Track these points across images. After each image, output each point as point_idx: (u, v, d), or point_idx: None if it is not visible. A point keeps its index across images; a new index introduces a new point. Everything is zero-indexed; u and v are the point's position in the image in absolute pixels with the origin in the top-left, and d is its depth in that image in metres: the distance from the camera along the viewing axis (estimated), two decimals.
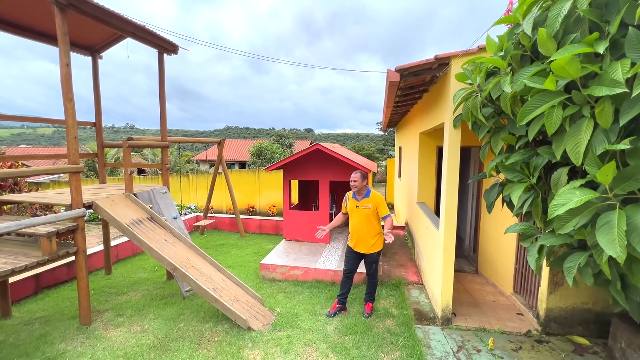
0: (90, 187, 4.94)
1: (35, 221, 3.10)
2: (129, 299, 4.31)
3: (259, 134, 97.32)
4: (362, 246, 3.68)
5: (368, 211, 3.60)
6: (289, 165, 5.97)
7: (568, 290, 3.14)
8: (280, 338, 3.31)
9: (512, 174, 2.46)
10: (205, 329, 3.51)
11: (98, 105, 5.10)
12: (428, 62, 3.13)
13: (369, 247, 3.66)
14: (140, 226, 3.94)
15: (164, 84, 4.88)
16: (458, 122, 3.10)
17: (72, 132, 3.46)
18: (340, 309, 3.85)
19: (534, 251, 2.30)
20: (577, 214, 1.84)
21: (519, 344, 3.07)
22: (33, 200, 4.09)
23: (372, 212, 3.60)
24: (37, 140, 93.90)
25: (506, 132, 2.59)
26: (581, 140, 1.79)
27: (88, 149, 14.84)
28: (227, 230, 8.37)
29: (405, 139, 7.77)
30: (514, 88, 2.15)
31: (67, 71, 3.33)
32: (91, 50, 4.99)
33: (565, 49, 1.75)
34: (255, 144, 21.32)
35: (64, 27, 3.26)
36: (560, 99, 1.85)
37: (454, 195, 3.31)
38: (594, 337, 3.13)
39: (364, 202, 3.64)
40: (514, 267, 3.94)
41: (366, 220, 3.61)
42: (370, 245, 3.65)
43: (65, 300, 4.30)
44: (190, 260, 3.95)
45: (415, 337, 3.19)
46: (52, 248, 3.32)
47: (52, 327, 3.59)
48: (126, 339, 3.36)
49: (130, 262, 5.91)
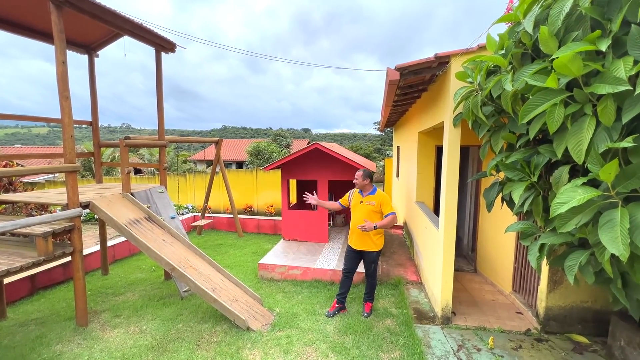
0: (86, 187, 4.89)
1: (31, 221, 3.06)
2: (126, 300, 4.27)
3: (256, 133, 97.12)
4: (361, 243, 3.65)
5: (371, 207, 3.59)
6: (288, 165, 5.95)
7: (567, 288, 3.14)
8: (280, 338, 3.29)
9: (512, 172, 2.46)
10: (203, 329, 3.48)
11: (94, 104, 5.05)
12: (428, 61, 3.12)
13: (368, 245, 3.63)
14: (137, 226, 3.90)
15: (161, 82, 4.83)
16: (458, 120, 3.09)
17: (68, 131, 3.41)
18: (339, 308, 3.84)
19: (535, 250, 2.30)
20: (579, 212, 1.84)
21: (518, 343, 3.08)
22: (28, 200, 4.03)
23: (375, 209, 3.58)
24: (32, 140, 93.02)
25: (506, 131, 2.59)
26: (583, 138, 1.78)
27: (84, 149, 14.70)
28: (225, 230, 8.33)
29: (404, 139, 7.78)
30: (515, 86, 2.14)
31: (63, 69, 3.28)
32: (87, 49, 4.94)
33: (568, 47, 1.75)
34: (252, 144, 21.26)
35: (60, 24, 3.22)
36: (562, 97, 1.84)
37: (453, 195, 3.30)
38: (593, 336, 3.14)
39: (369, 198, 3.64)
40: (513, 266, 3.94)
41: (367, 216, 3.58)
42: (369, 244, 3.63)
43: (62, 301, 4.25)
44: (189, 260, 3.91)
45: (416, 336, 3.18)
46: (48, 248, 3.28)
47: (48, 329, 3.54)
48: (124, 340, 3.32)
49: (128, 263, 5.86)
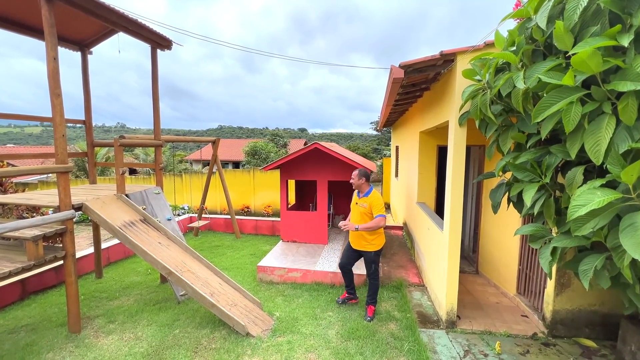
0: (79, 188, 4.75)
1: (20, 224, 2.93)
2: (121, 304, 4.14)
3: (253, 133, 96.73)
4: (357, 243, 3.73)
5: (363, 210, 3.62)
6: (287, 165, 5.84)
7: (575, 291, 3.08)
8: (281, 344, 3.19)
9: (522, 173, 2.39)
10: (201, 335, 3.36)
11: (88, 102, 4.90)
12: (433, 58, 3.04)
13: (363, 245, 3.68)
14: (132, 229, 3.78)
15: (157, 80, 4.70)
16: (464, 119, 3.01)
17: (60, 130, 3.28)
18: (348, 298, 4.00)
19: (547, 253, 2.22)
20: (596, 215, 1.76)
21: (526, 348, 3.01)
22: (19, 202, 3.89)
23: (366, 211, 3.60)
24: (25, 140, 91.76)
25: (515, 130, 2.51)
26: (601, 138, 1.71)
27: (78, 148, 14.46)
28: (222, 231, 8.19)
29: (403, 138, 7.71)
30: (528, 84, 2.06)
31: (54, 65, 3.15)
32: (80, 45, 4.79)
33: (586, 42, 1.67)
34: (250, 144, 21.10)
35: (50, 18, 3.09)
36: (579, 94, 1.77)
37: (459, 196, 3.22)
38: (602, 340, 3.08)
39: (362, 200, 3.66)
40: (517, 268, 3.88)
41: (360, 218, 3.64)
42: (364, 244, 3.66)
43: (54, 306, 4.11)
44: (186, 264, 3.80)
45: (421, 341, 3.10)
46: (38, 253, 3.14)
47: (38, 336, 3.40)
48: (118, 347, 3.20)
49: (122, 265, 5.71)
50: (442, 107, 3.62)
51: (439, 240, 3.73)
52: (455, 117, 3.09)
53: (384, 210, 3.55)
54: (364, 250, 3.69)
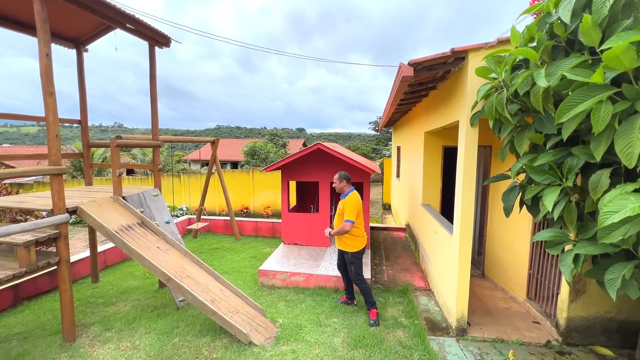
0: (75, 190, 4.60)
1: (11, 229, 2.78)
2: (118, 311, 3.99)
3: (251, 133, 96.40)
4: (338, 242, 3.82)
5: (339, 211, 3.75)
6: (288, 166, 5.71)
7: (590, 298, 2.97)
8: (285, 353, 3.06)
9: (541, 176, 2.27)
10: (202, 344, 3.23)
11: (83, 101, 4.75)
12: (444, 56, 2.92)
13: (340, 244, 3.77)
14: (130, 233, 3.64)
15: (155, 79, 4.56)
16: (476, 119, 2.90)
17: (53, 130, 3.13)
18: (346, 302, 4.02)
19: (569, 261, 2.11)
20: (627, 222, 1.65)
21: (540, 356, 2.89)
22: (10, 205, 3.73)
23: (340, 213, 3.71)
24: (22, 139, 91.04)
25: (532, 131, 2.39)
26: (634, 139, 1.59)
27: (74, 149, 14.24)
28: (221, 233, 8.04)
29: (406, 139, 7.60)
30: (550, 82, 1.94)
31: (47, 62, 3.00)
32: (76, 43, 4.64)
33: (619, 37, 1.56)
34: (249, 144, 20.90)
35: (43, 13, 2.94)
36: (610, 92, 1.65)
37: (470, 199, 3.11)
38: (618, 348, 2.97)
39: (340, 202, 3.75)
40: (527, 272, 3.77)
41: (338, 219, 3.75)
42: (341, 243, 3.75)
43: (47, 312, 3.96)
44: (185, 269, 3.66)
45: (431, 350, 2.98)
46: (30, 259, 3.00)
47: (31, 345, 3.26)
48: (115, 357, 3.06)
49: (119, 269, 5.56)
50: (451, 106, 3.50)
51: (447, 245, 3.61)
52: (467, 116, 2.97)
53: (354, 215, 3.56)
54: (343, 250, 3.77)
